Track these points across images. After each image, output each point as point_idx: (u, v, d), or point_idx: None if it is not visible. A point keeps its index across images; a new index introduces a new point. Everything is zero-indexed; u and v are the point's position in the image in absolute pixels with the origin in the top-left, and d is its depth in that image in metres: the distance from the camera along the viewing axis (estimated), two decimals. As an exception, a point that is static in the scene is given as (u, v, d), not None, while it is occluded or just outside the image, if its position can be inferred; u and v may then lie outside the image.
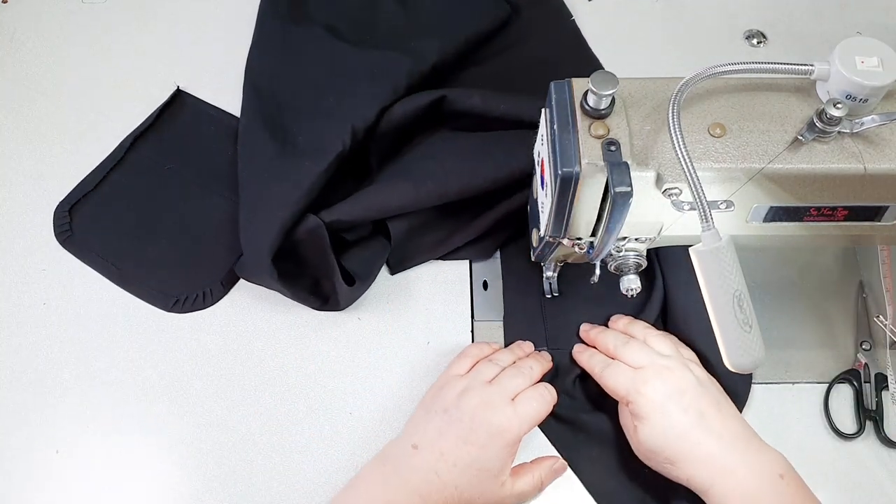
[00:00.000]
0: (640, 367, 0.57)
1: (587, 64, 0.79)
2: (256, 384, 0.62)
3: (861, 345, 0.63)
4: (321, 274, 0.65)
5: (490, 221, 0.66)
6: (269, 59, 0.76)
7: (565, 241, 0.51)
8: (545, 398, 0.57)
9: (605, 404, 0.61)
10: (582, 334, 0.64)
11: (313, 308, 0.65)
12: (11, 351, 0.63)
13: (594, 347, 0.62)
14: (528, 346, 0.63)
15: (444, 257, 0.68)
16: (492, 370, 0.58)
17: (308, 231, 0.62)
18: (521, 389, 0.57)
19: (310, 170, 0.63)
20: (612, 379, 0.57)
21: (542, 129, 0.50)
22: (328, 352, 0.64)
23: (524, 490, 0.56)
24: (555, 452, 0.60)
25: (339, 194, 0.65)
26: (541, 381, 0.59)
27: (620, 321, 0.63)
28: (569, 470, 0.59)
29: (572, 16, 0.82)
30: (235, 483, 0.58)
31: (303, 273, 0.65)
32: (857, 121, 0.46)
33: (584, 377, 0.62)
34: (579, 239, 0.51)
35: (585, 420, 0.61)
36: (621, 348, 0.59)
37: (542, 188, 0.51)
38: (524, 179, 0.63)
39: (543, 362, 0.61)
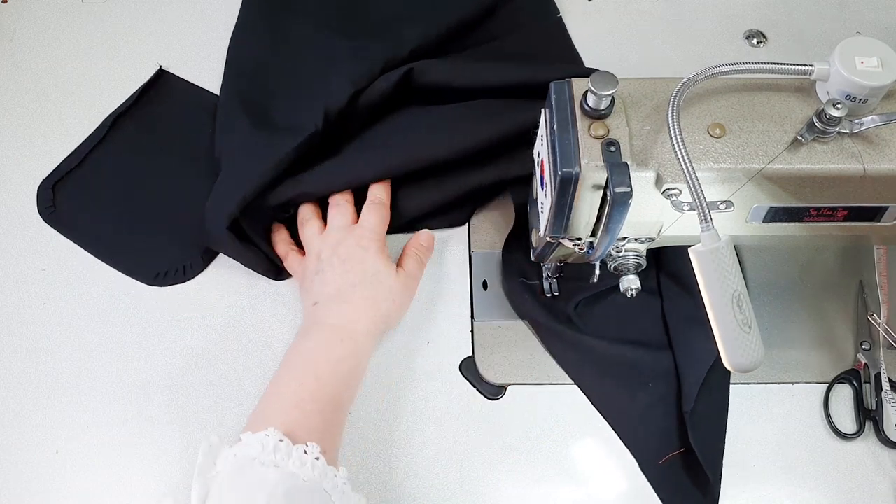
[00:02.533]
0: None
1: (570, 62, 0.79)
2: (256, 385, 0.62)
3: (861, 345, 0.63)
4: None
5: (458, 193, 0.67)
6: (251, 43, 0.77)
7: (565, 242, 0.51)
8: (378, 208, 0.64)
9: (608, 330, 0.64)
10: None
11: (270, 278, 0.66)
12: (11, 351, 0.63)
13: None
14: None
15: (416, 227, 0.69)
16: (312, 221, 0.64)
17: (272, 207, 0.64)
18: (349, 215, 0.64)
19: (279, 146, 0.64)
20: None
21: (542, 130, 0.50)
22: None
23: (412, 270, 0.64)
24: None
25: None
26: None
27: None
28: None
29: (559, 12, 0.82)
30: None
31: (260, 243, 0.66)
32: (856, 121, 0.46)
33: (586, 304, 0.65)
34: (579, 239, 0.51)
35: (587, 341, 0.63)
36: None
37: (542, 188, 0.51)
38: (493, 150, 0.65)
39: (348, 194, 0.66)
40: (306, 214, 0.65)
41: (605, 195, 0.46)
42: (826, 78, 0.47)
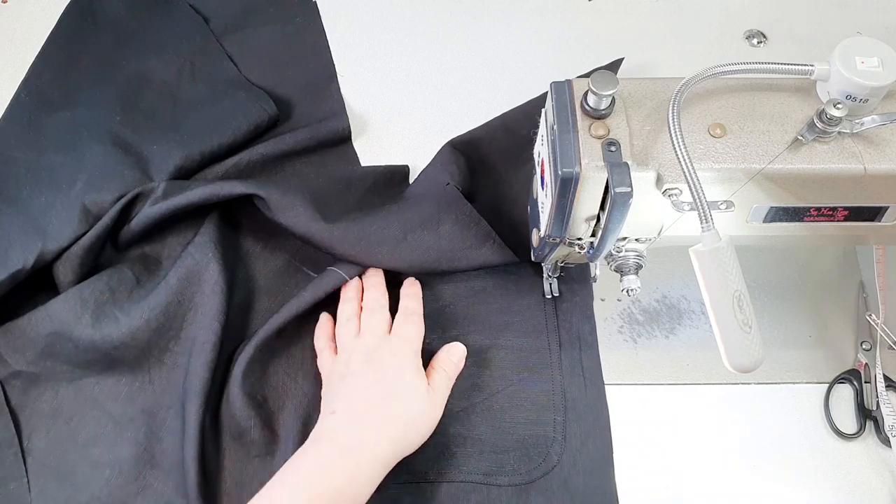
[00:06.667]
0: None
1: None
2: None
3: (861, 345, 0.63)
4: None
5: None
6: (12, 131, 0.71)
7: (565, 242, 0.51)
8: (414, 319, 0.60)
9: None
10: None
11: None
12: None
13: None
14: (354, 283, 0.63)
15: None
16: (350, 322, 0.60)
17: None
18: (386, 322, 0.59)
19: None
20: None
21: (543, 129, 0.50)
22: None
23: (441, 389, 0.57)
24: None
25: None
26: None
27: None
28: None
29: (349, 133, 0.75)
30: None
31: None
32: (857, 121, 0.46)
33: None
34: (579, 239, 0.51)
35: None
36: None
37: (543, 188, 0.51)
38: None
39: (377, 282, 0.62)
40: (348, 313, 0.61)
41: (605, 195, 0.46)
42: (826, 78, 0.47)
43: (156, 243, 0.66)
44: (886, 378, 0.61)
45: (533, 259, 0.59)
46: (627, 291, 0.55)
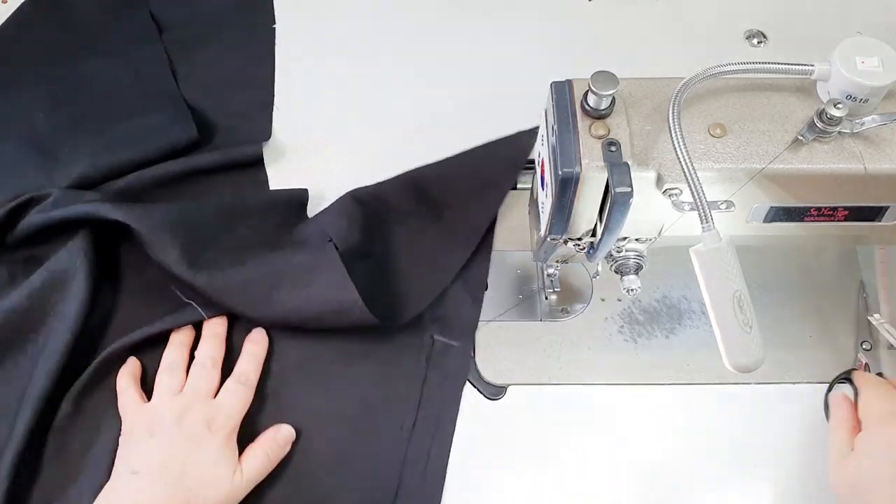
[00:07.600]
0: None
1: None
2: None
3: (862, 345, 0.63)
4: None
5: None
6: None
7: (566, 242, 0.51)
8: (243, 391, 0.56)
9: None
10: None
11: None
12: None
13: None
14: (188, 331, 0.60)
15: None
16: (174, 374, 0.57)
17: None
18: (213, 383, 0.56)
19: None
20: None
21: (543, 130, 0.50)
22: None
23: (253, 475, 0.54)
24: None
25: None
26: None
27: None
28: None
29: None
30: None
31: None
32: (857, 121, 0.46)
33: None
34: (580, 239, 0.51)
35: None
36: None
37: (543, 188, 0.51)
38: None
39: (218, 333, 0.60)
40: (175, 362, 0.58)
41: (605, 195, 0.46)
42: (827, 78, 0.47)
43: (43, 246, 0.64)
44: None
45: (533, 259, 0.59)
46: (628, 291, 0.55)
